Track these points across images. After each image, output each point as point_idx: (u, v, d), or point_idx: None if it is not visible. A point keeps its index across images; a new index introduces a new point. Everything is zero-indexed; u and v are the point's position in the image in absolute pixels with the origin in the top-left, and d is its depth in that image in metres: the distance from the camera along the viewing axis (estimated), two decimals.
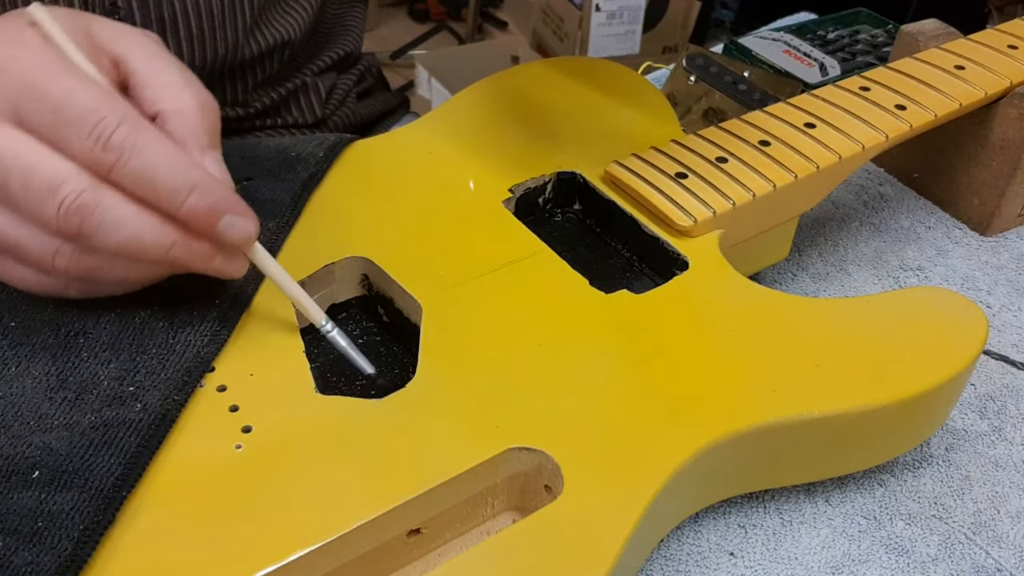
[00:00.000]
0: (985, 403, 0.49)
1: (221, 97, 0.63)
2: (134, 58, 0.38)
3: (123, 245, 0.35)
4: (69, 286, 0.37)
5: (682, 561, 0.41)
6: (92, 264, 0.36)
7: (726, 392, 0.39)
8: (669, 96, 0.67)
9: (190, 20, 0.57)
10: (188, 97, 0.37)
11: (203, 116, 0.37)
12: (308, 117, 0.69)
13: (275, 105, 0.67)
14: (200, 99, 0.38)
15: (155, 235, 0.35)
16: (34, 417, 0.35)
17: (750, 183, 0.47)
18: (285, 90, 0.67)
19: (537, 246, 0.45)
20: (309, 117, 0.69)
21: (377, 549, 0.35)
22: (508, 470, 0.37)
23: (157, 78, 0.38)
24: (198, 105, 0.37)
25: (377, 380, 0.41)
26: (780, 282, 0.56)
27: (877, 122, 0.51)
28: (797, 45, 0.75)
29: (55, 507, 0.32)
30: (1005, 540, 0.43)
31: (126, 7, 0.55)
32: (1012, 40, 0.57)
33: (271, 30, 0.63)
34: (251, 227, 0.37)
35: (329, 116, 0.70)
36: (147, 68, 0.38)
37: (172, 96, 0.37)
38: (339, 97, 0.71)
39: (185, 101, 0.37)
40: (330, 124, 0.71)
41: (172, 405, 0.36)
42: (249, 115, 0.65)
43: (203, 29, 0.58)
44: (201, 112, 0.37)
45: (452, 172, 0.50)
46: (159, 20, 0.56)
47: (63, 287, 0.37)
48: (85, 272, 0.36)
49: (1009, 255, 0.59)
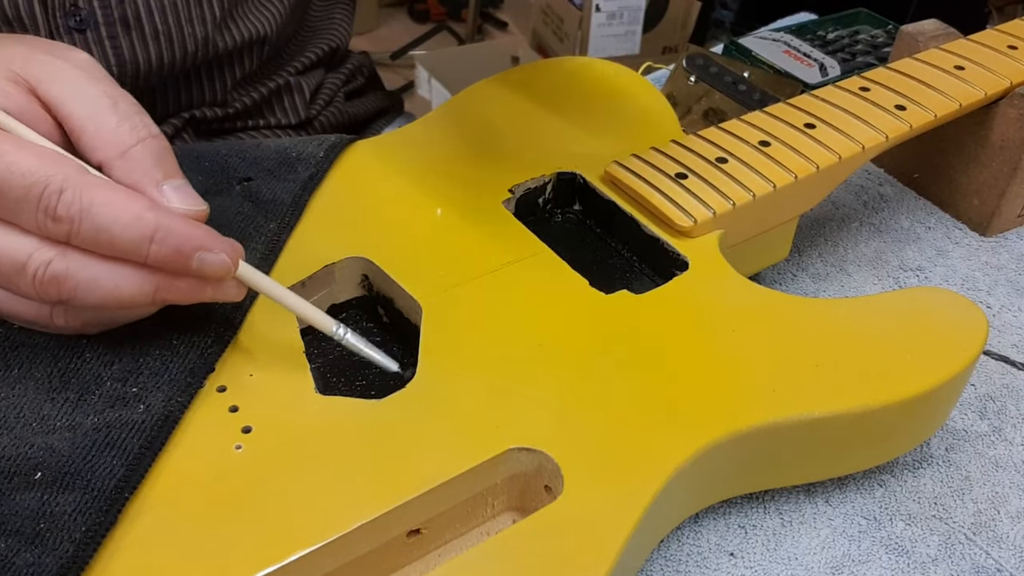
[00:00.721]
0: (985, 403, 0.49)
1: (199, 96, 0.63)
2: (63, 101, 0.36)
3: (105, 301, 0.35)
4: (86, 327, 0.37)
5: (682, 561, 0.41)
6: (90, 317, 0.36)
7: (726, 392, 0.39)
8: (669, 96, 0.67)
9: (155, 17, 0.56)
10: (125, 134, 0.36)
11: (147, 150, 0.36)
12: (292, 117, 0.68)
13: (256, 105, 0.66)
14: (138, 133, 0.36)
15: (134, 286, 0.35)
16: (36, 418, 0.35)
17: (750, 183, 0.47)
18: (267, 89, 0.66)
19: (537, 246, 0.45)
20: (293, 118, 0.68)
21: (377, 549, 0.35)
22: (508, 470, 0.37)
23: (90, 123, 0.36)
24: (137, 140, 0.36)
25: (405, 374, 0.40)
26: (780, 282, 0.56)
27: (877, 122, 0.51)
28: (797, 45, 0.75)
29: (57, 508, 0.32)
30: (1005, 540, 0.43)
31: (87, 7, 0.54)
32: (1012, 40, 0.57)
33: (245, 25, 0.62)
34: (223, 259, 0.35)
35: (315, 116, 0.69)
36: (78, 112, 0.36)
37: (107, 140, 0.36)
38: (326, 96, 0.70)
39: (123, 140, 0.36)
40: (315, 125, 0.70)
41: (175, 406, 0.36)
42: (229, 115, 0.64)
43: (169, 26, 0.56)
44: (143, 147, 0.36)
45: (452, 172, 0.50)
46: (122, 19, 0.55)
47: (80, 330, 0.37)
48: (88, 322, 0.37)
49: (1009, 255, 0.59)
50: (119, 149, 0.36)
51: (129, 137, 0.36)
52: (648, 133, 0.54)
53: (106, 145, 0.36)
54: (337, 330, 0.39)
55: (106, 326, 0.37)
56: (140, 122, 0.37)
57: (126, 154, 0.36)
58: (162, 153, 0.37)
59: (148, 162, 0.36)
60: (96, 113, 0.36)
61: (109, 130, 0.36)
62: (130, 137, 0.36)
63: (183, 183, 0.37)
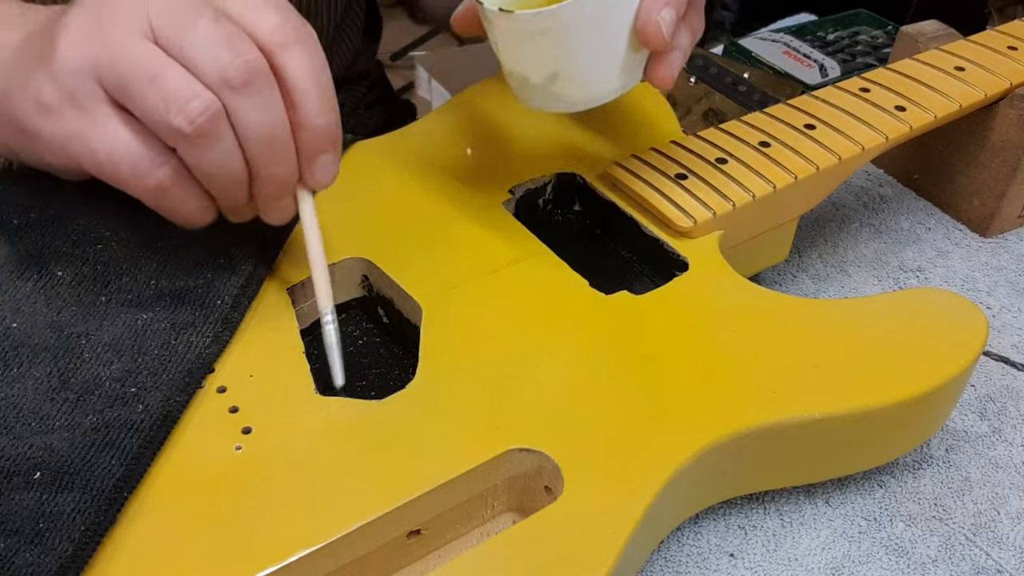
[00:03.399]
0: (985, 404, 0.49)
1: None
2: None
3: (227, 159, 0.36)
4: (180, 198, 0.37)
5: (682, 562, 0.41)
6: (190, 190, 0.37)
7: (726, 393, 0.39)
8: (669, 97, 0.67)
9: None
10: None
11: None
12: None
13: None
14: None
15: (272, 141, 0.36)
16: (35, 418, 0.35)
17: (750, 184, 0.47)
18: None
19: (537, 247, 0.45)
20: None
21: (377, 550, 0.35)
22: (508, 471, 0.37)
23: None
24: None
25: (340, 392, 0.39)
26: (780, 283, 0.56)
27: (877, 123, 0.51)
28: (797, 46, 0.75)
29: (56, 508, 0.32)
30: (1005, 541, 0.43)
31: None
32: (1012, 41, 0.57)
33: None
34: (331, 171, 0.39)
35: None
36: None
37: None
38: (348, 110, 0.71)
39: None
40: (345, 139, 0.70)
41: (174, 406, 0.36)
42: None
43: None
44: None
45: (452, 173, 0.50)
46: None
47: (165, 193, 0.37)
48: (188, 194, 0.37)
49: (1009, 256, 0.59)
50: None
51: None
52: (648, 134, 0.54)
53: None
54: (326, 315, 0.39)
55: (192, 209, 0.38)
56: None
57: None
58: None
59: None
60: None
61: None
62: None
63: None
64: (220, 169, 0.36)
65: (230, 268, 0.41)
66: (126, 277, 0.40)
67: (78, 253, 0.41)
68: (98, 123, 0.35)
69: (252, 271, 0.42)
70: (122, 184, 0.36)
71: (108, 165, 0.36)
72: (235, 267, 0.41)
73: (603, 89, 0.42)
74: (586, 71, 0.41)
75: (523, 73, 0.42)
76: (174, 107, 0.34)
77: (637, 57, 0.42)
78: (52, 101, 0.36)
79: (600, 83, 0.42)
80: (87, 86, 0.35)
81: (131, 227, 0.42)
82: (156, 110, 0.34)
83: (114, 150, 0.35)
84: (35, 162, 0.40)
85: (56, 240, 0.41)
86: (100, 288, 0.39)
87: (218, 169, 0.36)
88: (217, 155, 0.35)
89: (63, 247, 0.41)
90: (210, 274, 0.41)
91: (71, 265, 0.40)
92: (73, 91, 0.35)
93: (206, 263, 0.41)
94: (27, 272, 0.39)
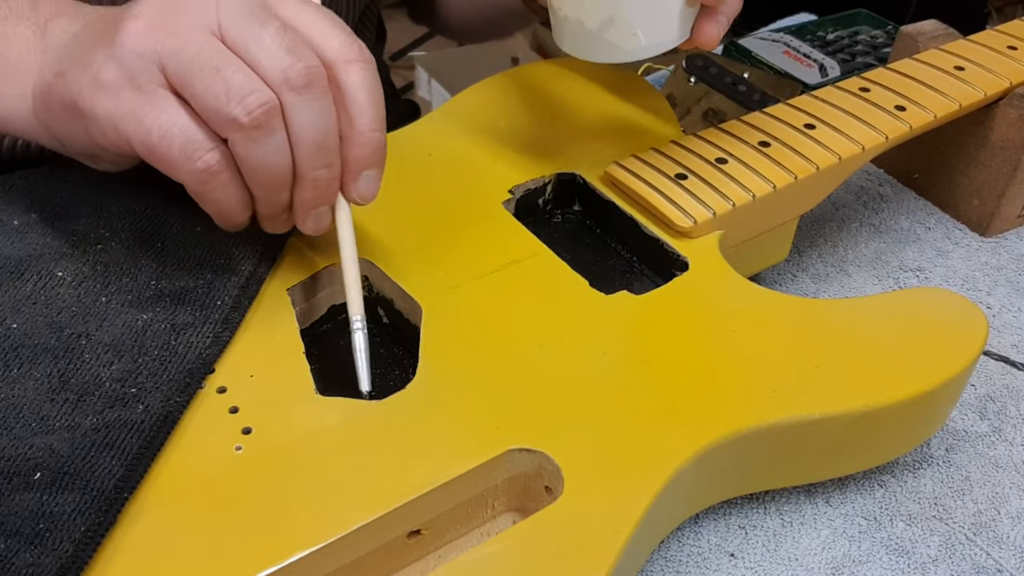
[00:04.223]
0: (985, 404, 0.49)
1: None
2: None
3: (278, 153, 0.37)
4: (222, 184, 0.38)
5: (682, 562, 0.41)
6: (230, 179, 0.37)
7: (726, 393, 0.39)
8: (669, 97, 0.67)
9: None
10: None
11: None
12: None
13: None
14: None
15: (320, 146, 0.37)
16: (36, 419, 0.35)
17: (750, 184, 0.47)
18: None
19: (537, 247, 0.45)
20: None
21: (377, 550, 0.35)
22: (508, 471, 0.37)
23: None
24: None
25: (367, 398, 0.39)
26: (780, 283, 0.56)
27: (877, 123, 0.51)
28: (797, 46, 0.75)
29: (56, 509, 0.32)
30: (1005, 541, 0.43)
31: None
32: (1012, 41, 0.57)
33: None
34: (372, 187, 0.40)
35: None
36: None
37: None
38: None
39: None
40: None
41: (174, 407, 0.36)
42: None
43: None
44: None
45: (452, 173, 0.50)
46: None
47: (214, 177, 0.38)
48: (228, 181, 0.37)
49: (1009, 256, 0.59)
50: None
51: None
52: (648, 134, 0.54)
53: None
54: (356, 322, 0.40)
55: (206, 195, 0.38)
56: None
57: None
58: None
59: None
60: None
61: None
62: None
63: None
64: (267, 164, 0.37)
65: (230, 268, 0.41)
66: (126, 277, 0.40)
67: (78, 253, 0.41)
68: (155, 104, 0.36)
69: (252, 271, 0.42)
70: (169, 165, 0.37)
71: (160, 144, 0.36)
72: (235, 267, 0.41)
73: (653, 40, 0.44)
74: (641, 17, 0.43)
75: (578, 17, 0.43)
76: (235, 98, 0.35)
77: (689, 12, 0.44)
78: (111, 80, 0.36)
79: (651, 33, 0.43)
80: (149, 70, 0.36)
81: (132, 227, 0.42)
82: (217, 99, 0.35)
83: (168, 130, 0.36)
84: (79, 147, 0.41)
85: (56, 240, 0.41)
86: (100, 288, 0.39)
87: (266, 164, 0.37)
88: (267, 149, 0.36)
89: (63, 247, 0.41)
90: (210, 274, 0.41)
91: (71, 265, 0.40)
92: (134, 73, 0.36)
93: (206, 263, 0.41)
94: (27, 272, 0.39)
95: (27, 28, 0.41)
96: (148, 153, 0.37)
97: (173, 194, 0.40)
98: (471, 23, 0.77)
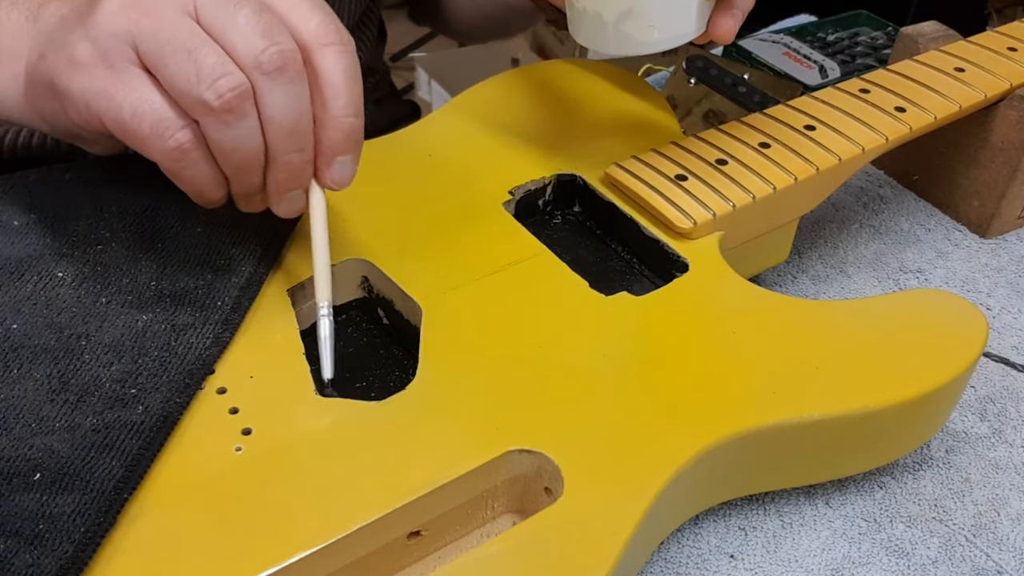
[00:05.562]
0: (985, 405, 0.49)
1: None
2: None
3: (249, 137, 0.36)
4: (193, 163, 0.38)
5: (682, 563, 0.41)
6: (201, 157, 0.37)
7: (726, 394, 0.39)
8: (669, 98, 0.67)
9: None
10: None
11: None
12: None
13: None
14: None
15: (293, 128, 0.37)
16: (35, 419, 0.35)
17: (750, 185, 0.47)
18: None
19: (537, 248, 0.45)
20: None
21: (377, 551, 0.35)
22: (508, 472, 0.37)
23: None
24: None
25: (327, 388, 0.39)
26: (780, 284, 0.56)
27: (877, 124, 0.51)
28: (797, 47, 0.75)
29: (56, 509, 0.32)
30: (1005, 542, 0.43)
31: None
32: (1012, 42, 0.57)
33: None
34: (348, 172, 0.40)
35: None
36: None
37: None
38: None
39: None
40: None
41: (174, 407, 0.36)
42: None
43: None
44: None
45: (452, 174, 0.50)
46: None
47: (184, 155, 0.38)
48: (200, 159, 0.37)
49: (1009, 257, 0.59)
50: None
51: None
52: (648, 135, 0.54)
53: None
54: (322, 308, 0.39)
55: (207, 177, 0.38)
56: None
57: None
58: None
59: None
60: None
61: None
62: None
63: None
64: (239, 147, 0.37)
65: (230, 269, 0.41)
66: (126, 278, 0.40)
67: (78, 254, 0.41)
68: (127, 82, 0.36)
69: (252, 272, 0.42)
70: (141, 143, 0.37)
71: (131, 121, 0.36)
72: (235, 268, 0.41)
73: (670, 32, 0.44)
74: (659, 10, 0.43)
75: (596, 9, 0.44)
76: (205, 80, 0.35)
77: (706, 5, 0.44)
78: (85, 58, 0.37)
79: (668, 26, 0.44)
80: (122, 50, 0.36)
81: (132, 228, 0.42)
82: (188, 81, 0.35)
83: (139, 107, 0.36)
84: (63, 127, 0.41)
85: (56, 241, 0.41)
86: (100, 289, 0.39)
87: (237, 147, 0.37)
88: (238, 133, 0.36)
89: (63, 248, 0.41)
90: (210, 275, 0.41)
91: (71, 266, 0.40)
92: (108, 52, 0.36)
93: (206, 264, 0.41)
94: (27, 273, 0.39)
95: (20, 14, 0.41)
96: (120, 131, 0.37)
97: (173, 195, 0.40)
98: (476, 23, 0.77)
